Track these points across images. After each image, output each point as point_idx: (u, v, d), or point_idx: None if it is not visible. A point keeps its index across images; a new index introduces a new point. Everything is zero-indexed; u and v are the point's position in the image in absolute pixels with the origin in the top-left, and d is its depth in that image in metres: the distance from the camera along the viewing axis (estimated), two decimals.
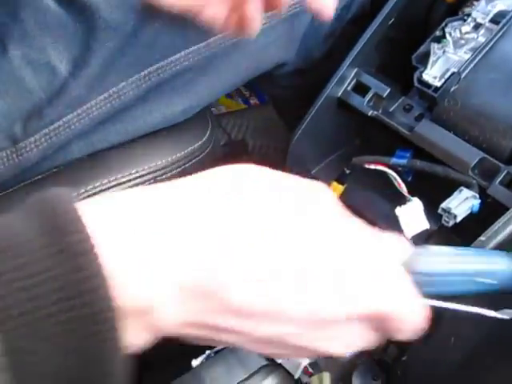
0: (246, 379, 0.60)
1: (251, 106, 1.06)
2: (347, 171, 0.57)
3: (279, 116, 0.80)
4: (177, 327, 0.28)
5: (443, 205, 0.50)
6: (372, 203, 0.59)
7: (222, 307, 0.27)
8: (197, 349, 0.62)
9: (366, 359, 0.59)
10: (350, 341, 0.31)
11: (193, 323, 0.28)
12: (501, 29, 0.54)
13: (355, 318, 0.30)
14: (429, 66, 0.56)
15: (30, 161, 0.49)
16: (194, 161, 0.56)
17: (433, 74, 0.55)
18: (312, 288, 0.28)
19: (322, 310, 0.29)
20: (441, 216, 0.51)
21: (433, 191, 0.52)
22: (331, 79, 0.59)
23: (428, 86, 0.55)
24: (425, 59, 0.56)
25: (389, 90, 0.58)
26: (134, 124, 0.53)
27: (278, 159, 0.65)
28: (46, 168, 0.51)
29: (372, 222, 0.58)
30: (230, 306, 0.27)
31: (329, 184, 0.59)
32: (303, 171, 0.63)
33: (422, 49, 0.57)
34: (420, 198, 0.53)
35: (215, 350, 0.63)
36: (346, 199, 0.60)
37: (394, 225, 0.53)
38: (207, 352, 0.63)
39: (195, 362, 0.62)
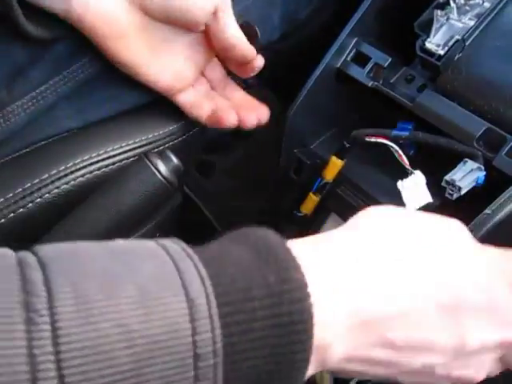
0: None
1: (249, 85, 1.04)
2: (347, 145, 0.55)
3: (272, 91, 0.78)
4: (340, 362, 0.31)
5: (447, 177, 0.48)
6: (373, 177, 0.57)
7: (385, 342, 0.31)
8: None
9: None
10: (484, 368, 0.35)
11: (355, 357, 0.31)
12: None
13: (499, 345, 0.34)
14: (432, 33, 0.53)
15: (18, 125, 0.47)
16: (185, 136, 0.54)
17: (436, 42, 0.53)
18: (462, 320, 0.33)
19: (471, 340, 0.33)
20: (444, 189, 0.49)
21: (436, 164, 0.50)
22: (329, 49, 0.57)
23: (431, 54, 0.53)
24: (428, 27, 0.54)
25: (390, 60, 0.56)
26: (119, 88, 0.51)
27: (278, 138, 0.63)
28: (35, 136, 0.49)
29: (374, 197, 0.56)
30: (393, 341, 0.31)
31: (328, 159, 0.57)
32: (301, 146, 0.61)
33: (424, 16, 0.54)
34: (423, 171, 0.51)
35: None
36: (347, 174, 0.58)
37: (396, 199, 0.52)
38: None
39: None
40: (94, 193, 0.46)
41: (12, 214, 0.45)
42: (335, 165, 0.57)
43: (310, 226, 0.62)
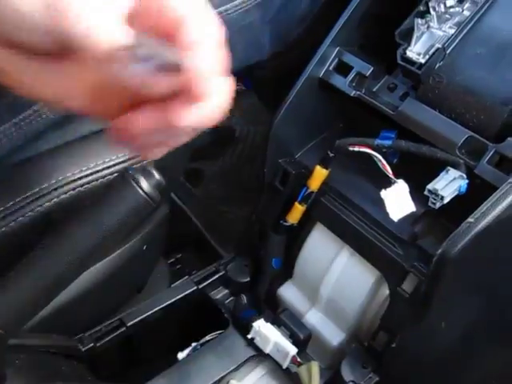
0: (234, 370, 0.59)
1: (237, 91, 1.04)
2: (331, 154, 0.55)
3: (260, 100, 0.78)
4: None
5: (429, 186, 0.48)
6: (357, 187, 0.57)
7: None
8: (182, 342, 0.61)
9: (355, 347, 0.57)
10: None
11: None
12: (486, 1, 0.52)
13: None
14: (412, 42, 0.53)
15: (1, 151, 0.47)
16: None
17: (417, 51, 0.53)
18: None
19: None
20: (427, 198, 0.49)
21: (419, 173, 0.50)
22: (312, 59, 0.57)
23: (412, 63, 0.53)
24: (408, 35, 0.54)
25: (372, 69, 0.56)
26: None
27: (265, 145, 0.63)
28: (19, 161, 0.49)
29: (358, 206, 0.56)
30: None
31: (313, 168, 0.57)
32: (286, 156, 0.61)
33: (405, 25, 0.55)
34: (406, 180, 0.51)
35: (201, 341, 0.61)
36: (331, 183, 0.58)
37: (379, 208, 0.52)
38: (193, 344, 0.61)
39: (181, 355, 0.60)
40: (76, 210, 0.46)
41: None
42: (320, 174, 0.57)
43: (296, 236, 0.62)
